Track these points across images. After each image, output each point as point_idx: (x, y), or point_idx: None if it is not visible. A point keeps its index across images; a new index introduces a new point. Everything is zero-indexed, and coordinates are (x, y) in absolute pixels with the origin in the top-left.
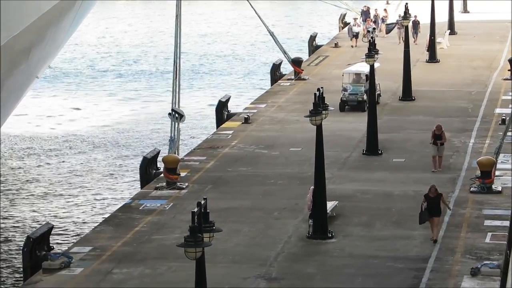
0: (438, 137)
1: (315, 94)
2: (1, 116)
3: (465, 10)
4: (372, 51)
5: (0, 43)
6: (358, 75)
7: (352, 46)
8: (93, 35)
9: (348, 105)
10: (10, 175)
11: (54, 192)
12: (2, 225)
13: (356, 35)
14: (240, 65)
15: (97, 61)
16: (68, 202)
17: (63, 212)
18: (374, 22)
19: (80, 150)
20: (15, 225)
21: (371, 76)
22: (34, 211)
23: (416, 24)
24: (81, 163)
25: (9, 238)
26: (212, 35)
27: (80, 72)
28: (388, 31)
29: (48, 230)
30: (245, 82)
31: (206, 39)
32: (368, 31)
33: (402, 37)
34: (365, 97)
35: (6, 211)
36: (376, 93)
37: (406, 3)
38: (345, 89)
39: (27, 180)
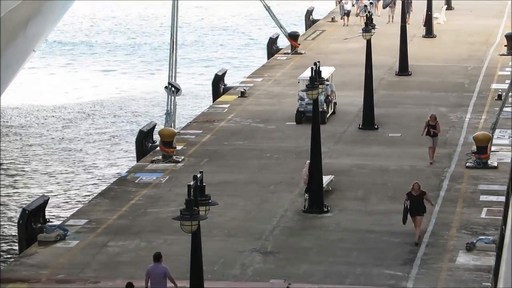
0: (432, 128)
1: (311, 68)
2: None
3: None
4: (369, 26)
5: None
6: None
7: (344, 25)
8: (89, 8)
9: (305, 116)
10: (6, 148)
11: (50, 164)
12: None
13: (347, 13)
14: (236, 39)
15: (93, 35)
16: (64, 175)
17: (59, 185)
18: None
19: (75, 124)
20: (11, 197)
21: (367, 55)
22: (29, 183)
23: (408, 3)
24: (77, 136)
25: (5, 211)
26: (208, 9)
27: (76, 45)
28: (385, 5)
29: (43, 203)
30: (242, 56)
31: (202, 13)
32: (365, 6)
33: (392, 17)
34: (325, 106)
35: (2, 183)
36: (332, 101)
37: None
38: (301, 98)
39: (23, 153)
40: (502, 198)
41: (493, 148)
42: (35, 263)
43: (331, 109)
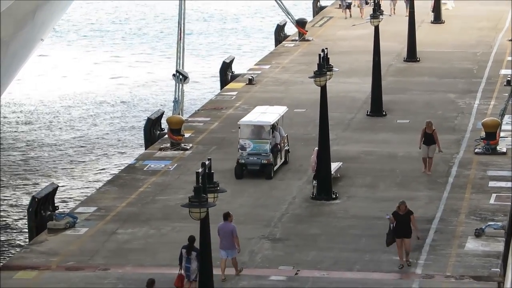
0: (428, 137)
1: (319, 55)
2: (6, 78)
3: None
4: (377, 12)
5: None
6: (260, 127)
7: (345, 18)
8: None
9: (247, 169)
10: (15, 136)
11: (59, 152)
12: (8, 186)
13: (348, 6)
14: (244, 26)
15: (101, 22)
16: (73, 162)
17: (68, 173)
18: None
19: (84, 112)
20: (21, 185)
21: (375, 41)
22: (39, 171)
23: None
24: (86, 124)
25: (15, 199)
26: None
27: (84, 33)
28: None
29: (53, 191)
30: (249, 43)
31: (210, 1)
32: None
33: (394, 9)
34: (271, 158)
35: (12, 171)
36: (284, 148)
37: None
38: (242, 147)
39: (33, 141)
40: (511, 184)
41: (502, 134)
42: (45, 251)
43: (281, 159)
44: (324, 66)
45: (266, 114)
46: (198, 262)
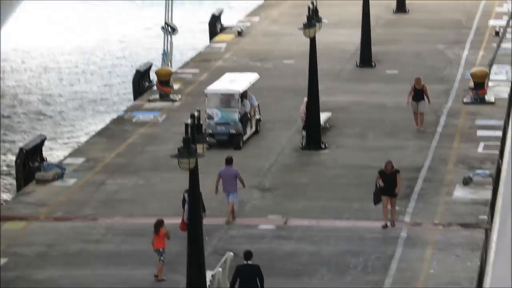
0: (418, 93)
1: (308, 7)
2: None
3: None
4: None
5: None
6: (229, 96)
7: None
8: None
9: (215, 140)
10: (2, 89)
11: (47, 104)
12: None
13: None
14: None
15: None
16: (61, 114)
17: (56, 125)
18: None
19: (73, 64)
20: (9, 137)
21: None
22: (26, 123)
23: None
24: (74, 76)
25: (3, 151)
26: None
27: None
28: None
29: (41, 142)
30: None
31: None
32: None
33: None
34: (240, 127)
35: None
36: (255, 117)
37: None
38: (209, 117)
39: (21, 93)
40: (499, 133)
41: (490, 84)
42: (33, 202)
43: (251, 128)
44: (313, 18)
45: (235, 82)
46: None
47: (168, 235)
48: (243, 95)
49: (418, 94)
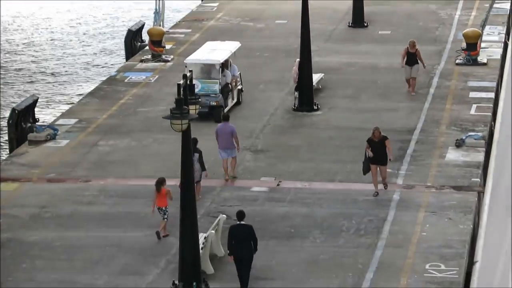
0: (411, 56)
1: None
2: None
3: None
4: None
5: None
6: (209, 66)
7: None
8: None
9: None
10: None
11: (39, 65)
12: None
13: None
14: None
15: None
16: (53, 75)
17: (48, 85)
18: None
19: (65, 24)
20: (1, 98)
21: None
22: (18, 84)
23: None
24: (67, 36)
25: None
26: None
27: None
28: None
29: (33, 103)
30: None
31: None
32: None
33: None
34: (221, 99)
35: None
36: (237, 88)
37: None
38: None
39: (13, 53)
40: (492, 95)
41: (482, 45)
42: (26, 163)
43: (233, 99)
44: None
45: (216, 51)
46: (200, 164)
47: (170, 195)
48: (224, 65)
49: (412, 57)
